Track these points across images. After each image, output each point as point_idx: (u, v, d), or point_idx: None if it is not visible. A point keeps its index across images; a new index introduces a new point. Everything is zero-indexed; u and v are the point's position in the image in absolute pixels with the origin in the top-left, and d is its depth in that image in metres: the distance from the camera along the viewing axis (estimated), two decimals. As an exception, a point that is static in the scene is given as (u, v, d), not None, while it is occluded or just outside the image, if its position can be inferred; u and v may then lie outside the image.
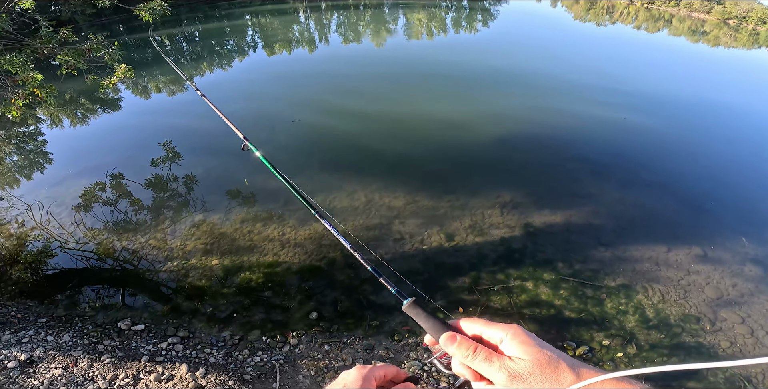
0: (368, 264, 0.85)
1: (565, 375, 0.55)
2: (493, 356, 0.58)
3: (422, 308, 0.70)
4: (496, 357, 0.58)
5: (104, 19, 22.49)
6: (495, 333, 0.61)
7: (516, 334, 0.59)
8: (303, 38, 20.20)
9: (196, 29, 23.53)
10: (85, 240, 5.29)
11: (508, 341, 0.59)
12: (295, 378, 3.41)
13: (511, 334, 0.60)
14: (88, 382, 3.28)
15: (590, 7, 40.90)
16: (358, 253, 0.88)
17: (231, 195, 6.20)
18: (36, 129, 9.72)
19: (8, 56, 4.53)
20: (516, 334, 0.59)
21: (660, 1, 43.13)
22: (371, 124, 9.08)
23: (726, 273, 4.85)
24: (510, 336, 0.59)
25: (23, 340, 3.73)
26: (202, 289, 4.46)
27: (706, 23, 36.19)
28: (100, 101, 11.52)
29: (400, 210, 5.85)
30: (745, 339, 4.04)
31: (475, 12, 31.03)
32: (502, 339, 0.60)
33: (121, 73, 5.24)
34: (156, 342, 3.79)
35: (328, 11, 29.85)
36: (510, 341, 0.59)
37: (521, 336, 0.59)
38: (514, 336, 0.59)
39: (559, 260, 4.96)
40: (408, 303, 0.72)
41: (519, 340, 0.58)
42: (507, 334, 0.60)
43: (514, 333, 0.60)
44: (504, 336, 0.60)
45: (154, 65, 14.95)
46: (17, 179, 7.22)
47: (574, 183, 6.78)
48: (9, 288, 4.54)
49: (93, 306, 4.29)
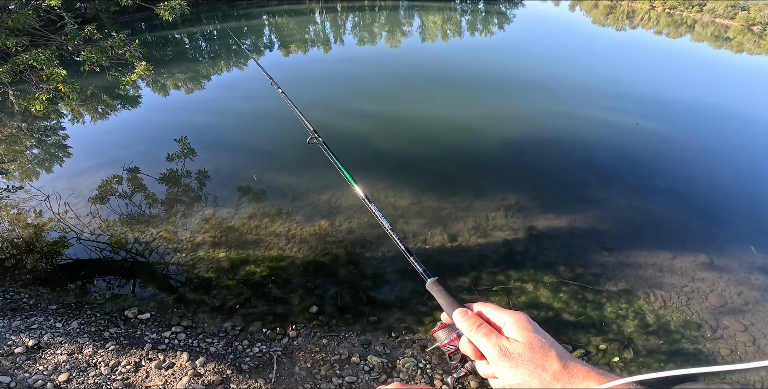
0: (402, 243, 0.93)
1: (551, 362, 0.58)
2: (492, 333, 0.64)
3: (443, 286, 0.77)
4: (494, 334, 0.63)
5: (127, 16, 23.09)
6: (501, 317, 0.66)
7: (518, 320, 0.64)
8: (318, 39, 20.42)
9: (215, 28, 23.96)
10: (99, 232, 5.48)
11: (510, 324, 0.64)
12: (291, 370, 3.50)
13: (514, 319, 0.65)
14: (90, 368, 3.36)
15: (610, 12, 40.38)
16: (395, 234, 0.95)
17: (241, 191, 6.35)
18: (57, 123, 10.06)
19: (34, 52, 4.74)
20: (518, 320, 0.64)
21: (682, 6, 42.37)
22: (380, 124, 9.18)
23: (732, 281, 4.79)
24: (513, 320, 0.65)
25: (33, 326, 3.83)
26: (208, 281, 4.59)
27: (729, 29, 35.41)
28: (120, 97, 11.86)
29: (405, 209, 5.91)
30: (746, 346, 4.00)
31: (491, 15, 30.94)
32: (505, 322, 0.65)
33: (141, 70, 5.42)
34: (160, 330, 3.91)
35: (343, 12, 30.10)
36: (512, 325, 0.64)
37: (522, 322, 0.64)
38: (516, 321, 0.64)
39: (560, 263, 4.96)
40: (432, 281, 0.79)
41: (519, 325, 0.63)
42: (511, 318, 0.65)
43: (517, 318, 0.65)
44: (508, 320, 0.65)
45: (172, 63, 15.31)
46: (37, 171, 7.50)
47: (581, 187, 6.76)
48: (23, 275, 4.69)
49: (103, 295, 4.43)
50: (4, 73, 4.76)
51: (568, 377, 0.57)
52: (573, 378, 0.57)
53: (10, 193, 6.50)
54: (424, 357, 3.74)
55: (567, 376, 0.57)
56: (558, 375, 0.57)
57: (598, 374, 0.57)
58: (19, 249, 5.20)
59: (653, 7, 44.20)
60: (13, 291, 4.38)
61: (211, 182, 6.75)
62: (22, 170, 7.49)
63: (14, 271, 4.76)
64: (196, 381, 3.29)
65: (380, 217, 1.04)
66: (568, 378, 0.57)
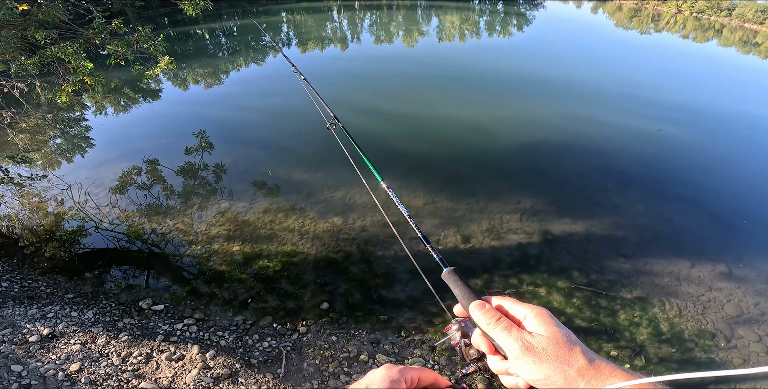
0: (420, 231, 0.92)
1: (577, 357, 0.55)
2: (513, 327, 0.60)
3: (459, 277, 0.73)
4: (515, 328, 0.60)
5: (151, 11, 23.52)
6: (521, 311, 0.63)
7: (540, 313, 0.61)
8: (335, 36, 20.49)
9: (235, 24, 24.23)
10: (117, 222, 5.60)
11: (531, 318, 0.61)
12: (299, 365, 3.53)
13: (536, 312, 0.61)
14: (102, 358, 3.41)
15: (634, 15, 39.59)
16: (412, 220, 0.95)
17: (256, 186, 6.41)
18: (81, 115, 10.31)
19: (62, 45, 4.86)
20: (540, 313, 0.61)
21: (711, 10, 41.32)
22: (396, 124, 9.17)
23: (750, 291, 4.66)
24: (534, 313, 0.61)
25: (48, 315, 3.89)
26: (221, 274, 4.65)
27: (758, 34, 34.39)
28: (142, 90, 12.08)
29: (419, 209, 5.90)
30: (759, 357, 3.90)
31: (510, 16, 30.62)
32: (526, 316, 0.62)
33: (164, 64, 5.51)
34: (172, 322, 3.97)
35: (361, 10, 30.13)
36: (533, 318, 0.60)
37: (544, 316, 0.60)
38: (537, 314, 0.61)
39: (575, 269, 4.89)
40: (448, 271, 0.75)
41: (541, 319, 0.60)
42: (532, 312, 0.61)
43: (538, 312, 0.61)
44: (528, 313, 0.62)
45: (192, 58, 15.54)
46: (60, 160, 7.69)
47: (599, 193, 6.64)
48: (42, 263, 4.79)
49: (119, 285, 4.51)
50: (33, 64, 4.88)
51: (594, 373, 0.54)
52: (599, 374, 0.54)
53: (34, 181, 6.68)
54: (433, 357, 3.73)
55: (593, 373, 0.54)
56: (584, 371, 0.54)
57: (624, 372, 0.54)
58: (38, 236, 5.33)
59: (680, 10, 43.19)
60: (30, 279, 4.48)
61: (227, 176, 6.84)
62: (45, 159, 7.69)
63: (33, 259, 4.87)
64: (205, 374, 3.33)
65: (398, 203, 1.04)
66: (594, 375, 0.54)
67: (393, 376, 0.59)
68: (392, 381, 0.58)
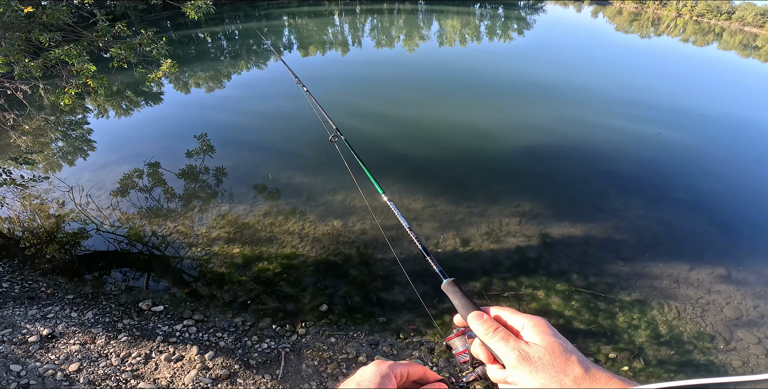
0: (420, 242, 0.93)
1: (573, 367, 0.56)
2: (510, 337, 0.61)
3: (459, 288, 0.75)
4: (513, 338, 0.61)
5: (154, 15, 23.68)
6: (519, 321, 0.63)
7: (538, 323, 0.61)
8: (336, 40, 20.58)
9: (236, 28, 24.36)
10: (118, 224, 5.62)
11: (529, 328, 0.61)
12: (298, 367, 3.54)
13: (534, 323, 0.62)
14: (102, 359, 3.42)
15: (634, 19, 39.73)
16: (413, 232, 0.96)
17: (257, 189, 6.44)
18: (83, 117, 10.36)
19: (66, 47, 4.89)
20: (538, 323, 0.61)
21: (711, 14, 41.45)
22: (396, 127, 9.20)
23: (749, 294, 4.67)
24: (532, 323, 0.62)
25: (48, 315, 3.90)
26: (220, 276, 4.67)
27: (758, 38, 34.49)
28: (143, 94, 12.15)
29: (419, 212, 5.92)
30: (758, 359, 3.90)
31: (510, 20, 30.75)
32: (524, 326, 0.62)
33: (166, 67, 5.54)
34: (172, 323, 3.98)
35: (362, 15, 30.28)
36: (531, 328, 0.61)
37: (542, 326, 0.61)
38: (535, 324, 0.61)
39: (574, 272, 4.90)
40: (448, 282, 0.77)
41: (539, 329, 0.61)
42: (530, 322, 0.62)
43: (536, 322, 0.62)
44: (526, 323, 0.62)
45: (194, 61, 15.62)
46: (62, 163, 7.73)
47: (598, 196, 6.66)
48: (43, 264, 4.81)
49: (119, 286, 4.53)
50: (36, 67, 4.93)
51: (590, 382, 0.55)
52: (595, 383, 0.55)
53: (36, 183, 6.72)
54: (431, 359, 3.74)
55: (589, 382, 0.55)
56: (579, 380, 0.55)
57: (620, 381, 0.54)
58: (40, 238, 5.36)
59: (680, 13, 43.33)
60: (31, 280, 4.50)
61: (227, 179, 6.87)
62: (47, 161, 7.73)
63: (34, 260, 4.90)
64: (203, 375, 3.35)
65: (398, 215, 1.05)
66: (590, 384, 0.55)
67: (383, 372, 0.60)
68: (382, 377, 0.59)
